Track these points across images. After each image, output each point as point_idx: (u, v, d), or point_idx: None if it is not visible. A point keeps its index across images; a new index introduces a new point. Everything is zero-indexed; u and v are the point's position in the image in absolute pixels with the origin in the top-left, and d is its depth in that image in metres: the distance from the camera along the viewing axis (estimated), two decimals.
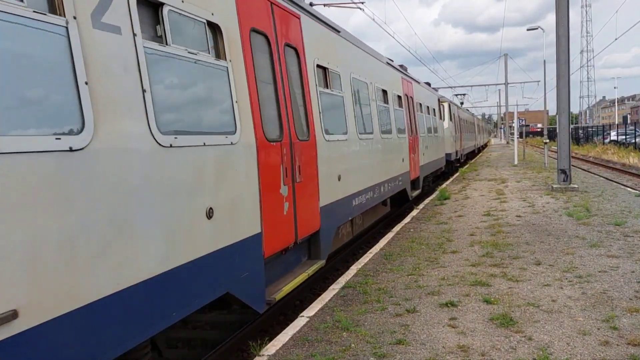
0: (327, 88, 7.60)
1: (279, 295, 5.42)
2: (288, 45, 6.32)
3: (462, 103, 50.68)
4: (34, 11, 2.77)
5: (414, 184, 14.70)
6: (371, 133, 9.77)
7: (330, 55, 7.86)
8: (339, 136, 7.81)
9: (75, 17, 3.00)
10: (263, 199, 5.13)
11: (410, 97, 14.72)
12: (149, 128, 3.51)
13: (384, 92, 11.42)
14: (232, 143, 4.60)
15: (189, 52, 4.13)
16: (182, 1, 4.12)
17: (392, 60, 13.76)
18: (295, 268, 6.37)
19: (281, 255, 5.90)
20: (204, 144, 4.20)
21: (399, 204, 13.74)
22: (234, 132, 4.68)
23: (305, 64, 6.79)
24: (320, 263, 6.70)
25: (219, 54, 4.65)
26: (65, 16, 2.95)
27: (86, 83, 3.00)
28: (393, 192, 11.63)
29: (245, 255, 4.77)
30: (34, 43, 2.80)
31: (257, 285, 5.03)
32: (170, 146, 3.72)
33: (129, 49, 3.40)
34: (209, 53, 4.51)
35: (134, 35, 3.46)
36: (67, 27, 2.95)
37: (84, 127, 2.97)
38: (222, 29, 4.67)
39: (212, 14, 4.52)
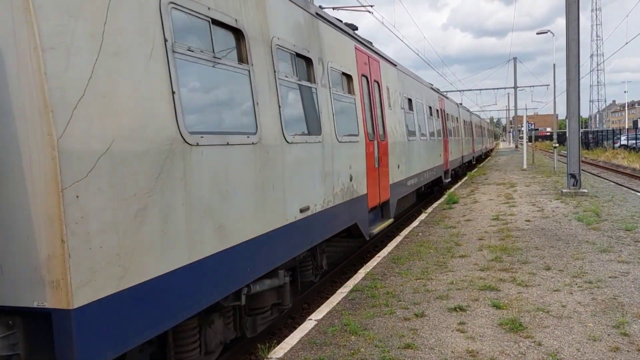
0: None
1: (376, 230, 8.70)
2: (375, 81, 9.52)
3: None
4: None
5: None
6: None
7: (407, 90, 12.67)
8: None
9: None
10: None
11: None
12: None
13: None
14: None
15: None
16: None
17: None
18: (376, 222, 9.46)
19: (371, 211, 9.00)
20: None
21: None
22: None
23: (381, 91, 9.84)
24: (391, 220, 9.83)
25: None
26: None
27: None
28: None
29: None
30: None
31: (366, 223, 8.35)
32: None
33: None
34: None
35: None
36: None
37: None
38: None
39: None
